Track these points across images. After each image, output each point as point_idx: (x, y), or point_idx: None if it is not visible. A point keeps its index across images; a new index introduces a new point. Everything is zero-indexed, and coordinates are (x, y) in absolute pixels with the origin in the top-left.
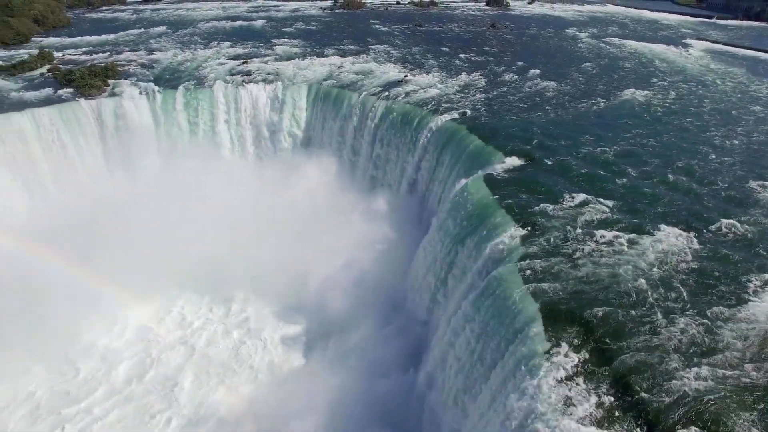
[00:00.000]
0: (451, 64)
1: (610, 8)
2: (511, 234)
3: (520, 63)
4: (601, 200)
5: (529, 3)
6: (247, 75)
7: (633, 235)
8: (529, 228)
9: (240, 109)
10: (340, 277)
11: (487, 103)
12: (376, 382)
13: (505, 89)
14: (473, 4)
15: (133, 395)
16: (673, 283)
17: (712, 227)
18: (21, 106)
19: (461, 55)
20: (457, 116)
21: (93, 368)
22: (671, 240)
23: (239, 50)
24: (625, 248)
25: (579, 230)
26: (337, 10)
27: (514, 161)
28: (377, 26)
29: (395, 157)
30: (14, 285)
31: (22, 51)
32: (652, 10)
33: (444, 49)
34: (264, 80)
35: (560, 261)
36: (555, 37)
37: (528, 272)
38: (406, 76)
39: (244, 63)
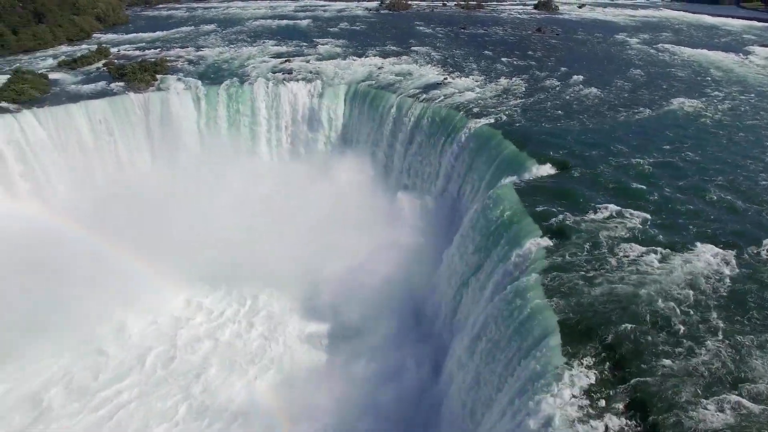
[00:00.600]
0: (492, 68)
1: (666, 13)
2: (537, 243)
3: (563, 68)
4: (634, 213)
5: (579, 7)
6: (288, 73)
7: (665, 252)
8: (555, 238)
9: (279, 106)
10: (364, 278)
11: (525, 109)
12: (390, 388)
13: (545, 95)
14: (521, 7)
15: (158, 383)
16: (704, 305)
17: (753, 249)
18: (77, 98)
19: (503, 59)
20: (493, 121)
21: (124, 353)
22: (706, 259)
23: (283, 49)
24: (655, 265)
25: (607, 243)
26: (382, 11)
27: (547, 169)
28: (420, 28)
29: (429, 160)
30: (60, 264)
31: (83, 47)
32: (712, 15)
33: (486, 52)
34: (304, 79)
35: (584, 274)
36: (603, 42)
37: (550, 283)
38: (445, 78)
39: (286, 61)
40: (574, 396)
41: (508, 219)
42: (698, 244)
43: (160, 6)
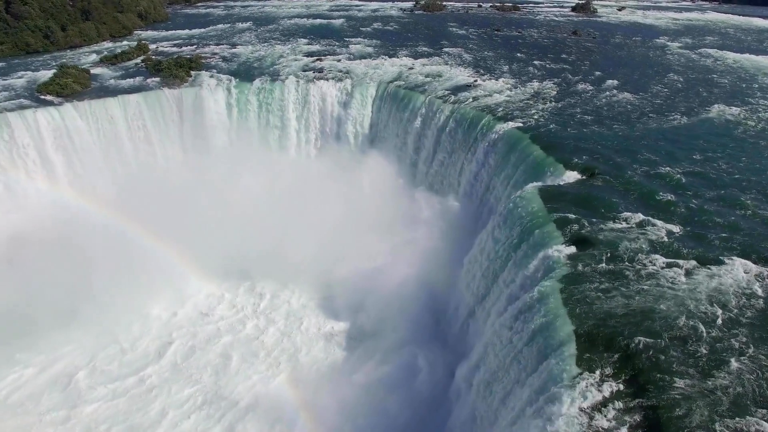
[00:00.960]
0: (524, 71)
1: (712, 16)
2: (559, 250)
3: (597, 73)
4: (660, 224)
5: (619, 10)
6: (318, 72)
7: (690, 265)
8: (578, 245)
9: (308, 104)
10: (383, 279)
11: (555, 113)
12: (401, 393)
13: (576, 99)
14: (558, 9)
15: (177, 373)
16: (730, 324)
17: None
18: (115, 92)
19: (536, 62)
20: (521, 124)
21: (147, 343)
22: (735, 275)
23: (315, 47)
24: (679, 279)
25: (630, 253)
26: (416, 12)
27: (574, 175)
28: (454, 29)
29: (456, 162)
30: (92, 251)
31: (124, 43)
32: (765, 17)
33: (519, 55)
34: (334, 78)
35: (606, 283)
36: (641, 46)
37: (570, 291)
38: (475, 80)
39: (317, 60)
40: (583, 409)
41: (531, 225)
42: (727, 258)
43: (199, 4)
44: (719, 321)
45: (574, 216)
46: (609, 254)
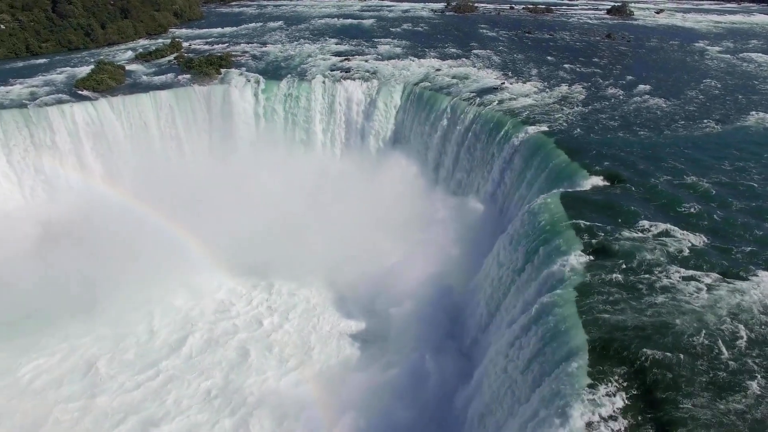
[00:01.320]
0: (553, 74)
1: (759, 18)
2: (576, 258)
3: (629, 77)
4: (684, 235)
5: (657, 13)
6: (345, 72)
7: (716, 278)
8: (595, 254)
9: (334, 104)
10: (402, 280)
11: (583, 117)
12: (412, 395)
13: (605, 104)
14: (592, 12)
15: (192, 366)
16: (756, 342)
17: None
18: (147, 88)
19: (565, 66)
20: (547, 128)
21: (170, 332)
22: (762, 291)
23: (344, 47)
24: (701, 293)
25: (650, 264)
26: (447, 13)
27: (598, 181)
28: (484, 31)
29: (479, 165)
30: (119, 240)
31: (159, 40)
32: None
33: (548, 58)
34: (361, 78)
35: (622, 294)
36: (678, 50)
37: (584, 301)
38: (503, 83)
39: (345, 60)
40: (594, 422)
41: (550, 231)
42: (753, 274)
43: (233, 3)
44: (739, 340)
45: (595, 223)
46: (626, 264)
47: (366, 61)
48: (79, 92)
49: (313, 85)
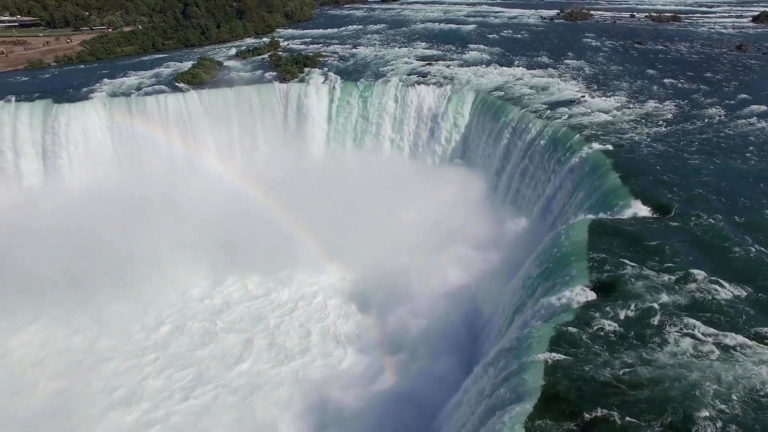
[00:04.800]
0: (646, 89)
1: None
2: (577, 293)
3: (743, 95)
4: (722, 286)
5: None
6: (422, 76)
7: (732, 343)
8: (600, 292)
9: (405, 109)
10: (432, 290)
11: (658, 138)
12: (409, 407)
13: (696, 125)
14: (733, 19)
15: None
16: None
17: None
18: (235, 83)
19: (665, 80)
20: (611, 147)
21: (231, 321)
22: None
23: (432, 52)
24: (705, 356)
25: (657, 313)
26: (557, 20)
27: (644, 211)
28: (587, 40)
29: (537, 180)
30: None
31: (264, 39)
32: None
33: (649, 71)
34: (436, 83)
35: (607, 342)
36: None
37: (560, 341)
38: (583, 96)
39: (428, 64)
40: None
41: (564, 259)
42: None
43: (346, 6)
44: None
45: (616, 258)
46: (627, 310)
47: (448, 66)
48: (176, 84)
49: (387, 88)
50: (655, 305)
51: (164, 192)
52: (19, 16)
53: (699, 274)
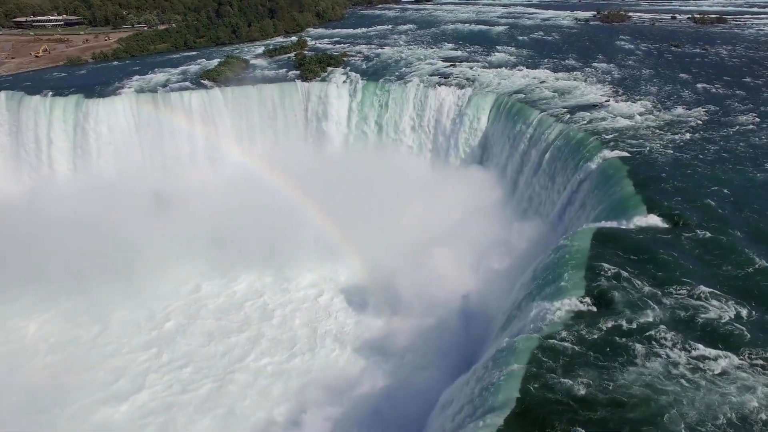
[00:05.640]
0: (676, 94)
1: None
2: (568, 303)
3: None
4: (727, 306)
5: None
6: (444, 78)
7: (732, 363)
8: (593, 304)
9: (425, 108)
10: (441, 296)
11: (681, 146)
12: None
13: (724, 133)
14: None
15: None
16: None
17: None
18: (257, 81)
19: (699, 85)
20: (627, 154)
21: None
22: None
23: (458, 53)
24: (704, 376)
25: (649, 329)
26: (592, 23)
27: (655, 221)
28: (621, 42)
29: (553, 185)
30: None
31: (292, 38)
32: None
33: (682, 75)
34: (457, 84)
35: (591, 356)
36: None
37: (543, 353)
38: (607, 100)
39: (451, 65)
40: None
41: (562, 268)
42: None
43: (379, 6)
44: None
45: (612, 269)
46: (618, 324)
47: (471, 68)
48: (202, 81)
49: (407, 89)
50: (647, 321)
51: (183, 186)
52: (65, 16)
53: (700, 290)
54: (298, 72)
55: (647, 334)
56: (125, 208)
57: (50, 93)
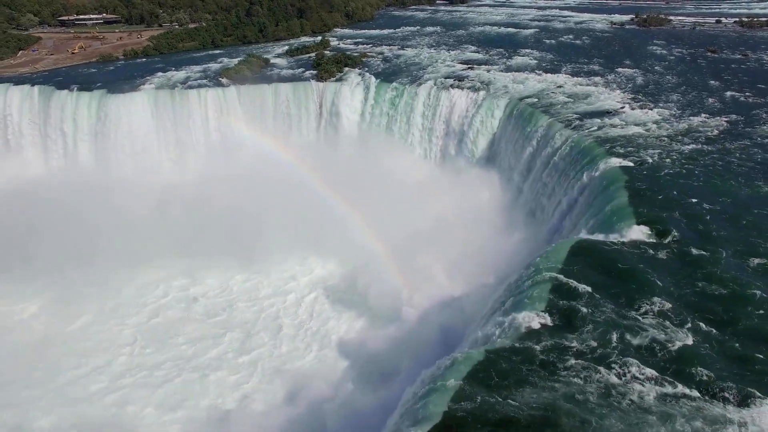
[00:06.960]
0: (700, 102)
1: None
2: (526, 317)
3: None
4: (691, 329)
5: None
6: (458, 80)
7: (682, 391)
8: (553, 319)
9: (437, 112)
10: (426, 302)
11: (692, 157)
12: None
13: (743, 145)
14: None
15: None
16: None
17: None
18: (273, 80)
19: (727, 93)
20: (630, 163)
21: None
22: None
23: (478, 56)
24: (648, 402)
25: (608, 349)
26: (628, 26)
27: (640, 234)
28: (653, 48)
29: (556, 192)
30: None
31: (317, 38)
32: None
33: (712, 82)
34: (471, 87)
35: (536, 374)
36: None
37: (487, 366)
38: (623, 107)
39: (468, 68)
40: None
41: (532, 280)
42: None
43: (412, 6)
44: None
45: (580, 285)
46: (573, 343)
47: (488, 71)
48: (219, 79)
49: (419, 91)
50: (598, 340)
51: (198, 181)
52: (105, 15)
53: (663, 309)
54: (314, 72)
55: (594, 354)
56: (139, 202)
57: (76, 88)
